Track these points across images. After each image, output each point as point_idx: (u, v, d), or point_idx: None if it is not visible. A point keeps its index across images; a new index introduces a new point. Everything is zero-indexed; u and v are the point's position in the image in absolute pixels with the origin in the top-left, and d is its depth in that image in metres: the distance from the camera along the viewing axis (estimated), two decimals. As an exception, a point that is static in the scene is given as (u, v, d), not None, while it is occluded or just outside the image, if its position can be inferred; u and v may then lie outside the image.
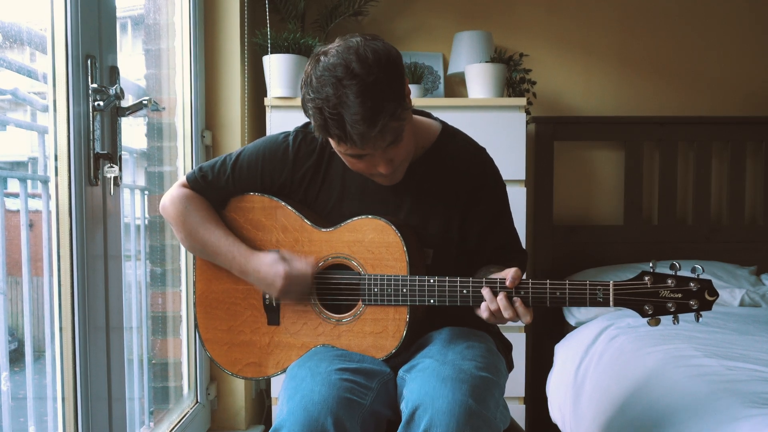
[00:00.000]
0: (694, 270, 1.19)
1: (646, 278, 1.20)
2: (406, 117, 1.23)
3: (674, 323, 1.21)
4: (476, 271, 1.38)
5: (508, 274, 1.22)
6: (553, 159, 2.70)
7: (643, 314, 1.21)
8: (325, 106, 1.17)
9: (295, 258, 1.34)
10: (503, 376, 1.34)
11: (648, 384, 1.69)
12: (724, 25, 2.80)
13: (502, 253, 1.41)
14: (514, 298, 1.21)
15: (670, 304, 1.20)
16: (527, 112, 2.45)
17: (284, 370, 1.38)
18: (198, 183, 1.42)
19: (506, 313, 1.21)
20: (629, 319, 2.18)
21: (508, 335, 1.54)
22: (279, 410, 1.23)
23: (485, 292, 1.23)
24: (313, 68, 1.21)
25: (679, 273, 1.20)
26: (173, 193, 1.42)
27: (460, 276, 1.27)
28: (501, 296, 1.21)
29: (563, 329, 2.53)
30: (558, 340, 2.42)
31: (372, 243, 1.31)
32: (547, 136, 2.68)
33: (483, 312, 1.24)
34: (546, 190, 2.69)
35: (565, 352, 2.30)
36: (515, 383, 2.26)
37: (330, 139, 1.26)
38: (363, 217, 1.32)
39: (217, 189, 1.42)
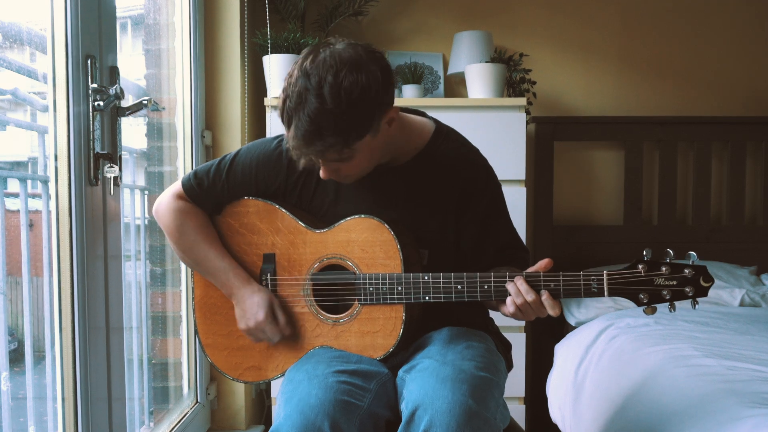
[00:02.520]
0: (688, 256, 1.18)
1: (640, 266, 1.20)
2: (358, 147, 1.21)
3: (670, 311, 1.20)
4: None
5: (540, 264, 1.23)
6: (553, 159, 2.70)
7: (639, 303, 1.20)
8: (287, 101, 1.19)
9: (282, 318, 1.35)
10: (503, 376, 1.33)
11: (648, 384, 1.69)
12: (724, 25, 2.80)
13: (505, 254, 1.41)
14: (542, 292, 1.21)
15: (665, 292, 1.19)
16: (527, 112, 2.45)
17: (284, 373, 1.38)
18: (194, 191, 1.41)
19: (533, 307, 1.21)
20: (629, 319, 2.18)
21: (507, 335, 1.54)
22: (276, 414, 1.23)
23: (510, 286, 1.22)
24: (305, 60, 1.20)
25: (673, 260, 1.19)
26: (169, 204, 1.42)
27: (455, 274, 1.26)
28: (530, 291, 1.21)
29: (563, 329, 2.53)
30: (558, 340, 2.42)
31: (366, 242, 1.31)
32: (547, 136, 2.68)
33: (509, 307, 1.23)
34: (546, 190, 2.69)
35: (565, 352, 2.30)
36: (515, 383, 2.26)
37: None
38: (357, 216, 1.32)
39: (212, 195, 1.41)
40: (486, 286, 1.25)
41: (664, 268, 1.19)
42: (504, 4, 2.77)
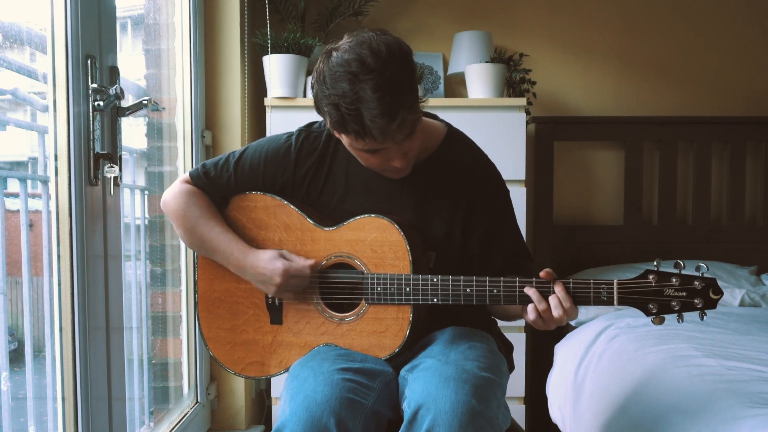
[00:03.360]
0: (698, 268, 1.18)
1: (651, 277, 1.20)
2: (419, 108, 1.24)
3: (678, 321, 1.20)
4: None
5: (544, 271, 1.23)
6: (553, 159, 2.70)
7: (648, 313, 1.20)
8: (342, 102, 1.17)
9: (295, 256, 1.34)
10: (505, 377, 1.33)
11: (648, 384, 1.69)
12: (724, 25, 2.80)
13: (512, 262, 1.40)
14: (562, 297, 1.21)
15: (674, 303, 1.19)
16: (527, 112, 2.45)
17: (287, 370, 1.38)
18: (200, 179, 1.42)
19: (556, 312, 1.20)
20: (629, 319, 2.18)
21: (507, 335, 1.54)
22: (281, 410, 1.22)
23: (532, 292, 1.22)
24: (326, 64, 1.20)
25: (683, 272, 1.19)
26: (175, 189, 1.42)
27: (464, 277, 1.27)
28: (553, 295, 1.21)
29: (563, 329, 2.53)
30: (558, 340, 2.42)
31: (375, 242, 1.31)
32: (547, 136, 2.68)
33: (530, 314, 1.23)
34: (546, 190, 2.69)
35: (565, 351, 2.30)
36: (515, 383, 2.26)
37: (344, 136, 1.25)
38: (366, 215, 1.32)
39: (219, 186, 1.42)
40: (495, 291, 1.25)
41: (674, 279, 1.19)
42: (504, 4, 2.77)
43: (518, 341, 2.22)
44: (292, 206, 1.38)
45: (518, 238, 1.44)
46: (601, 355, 2.04)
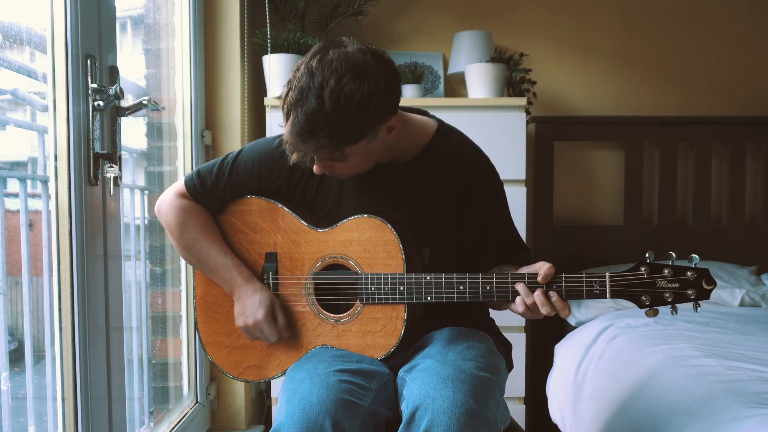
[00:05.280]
0: (691, 259, 1.18)
1: (643, 269, 1.20)
2: (351, 152, 1.23)
3: (672, 313, 1.20)
4: (487, 272, 1.38)
5: (542, 269, 1.21)
6: (553, 159, 2.70)
7: (641, 305, 1.20)
8: (290, 94, 1.20)
9: (281, 318, 1.35)
10: (503, 376, 1.33)
11: (648, 384, 1.69)
12: (724, 25, 2.80)
13: (506, 252, 1.41)
14: (551, 293, 1.21)
15: (667, 294, 1.19)
16: (527, 112, 2.45)
17: (285, 372, 1.38)
18: (196, 190, 1.41)
19: (543, 309, 1.21)
20: (629, 319, 2.18)
21: (507, 335, 1.54)
22: (278, 412, 1.23)
23: (520, 286, 1.22)
24: (314, 57, 1.20)
25: (675, 262, 1.19)
26: (173, 203, 1.42)
27: (457, 274, 1.27)
28: (538, 292, 1.21)
29: (563, 329, 2.53)
30: (558, 340, 2.42)
31: (368, 242, 1.31)
32: (547, 136, 2.68)
33: (518, 306, 1.23)
34: (546, 190, 2.69)
35: (565, 352, 2.30)
36: (515, 383, 2.26)
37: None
38: (359, 216, 1.32)
39: (215, 195, 1.42)
40: (488, 287, 1.25)
41: (666, 271, 1.19)
42: (504, 4, 2.77)
43: (518, 341, 2.22)
44: (286, 209, 1.38)
45: (512, 228, 1.44)
46: (601, 355, 2.04)
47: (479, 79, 2.36)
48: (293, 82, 1.20)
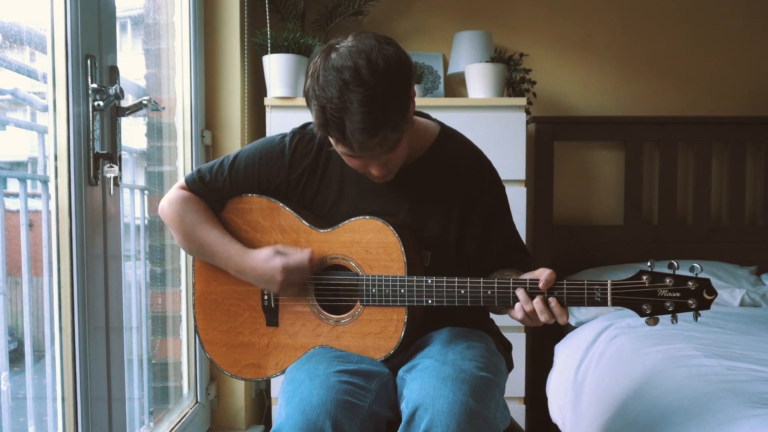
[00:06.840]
0: (692, 269, 1.18)
1: (644, 277, 1.20)
2: (407, 128, 1.22)
3: (672, 322, 1.20)
4: (488, 275, 1.38)
5: (543, 275, 1.21)
6: (553, 159, 2.70)
7: (641, 314, 1.20)
8: (328, 107, 1.16)
9: (291, 249, 1.33)
10: (503, 376, 1.33)
11: (648, 384, 1.69)
12: (724, 25, 2.80)
13: (506, 256, 1.41)
14: (550, 299, 1.20)
15: (668, 304, 1.19)
16: (527, 112, 2.45)
17: (283, 371, 1.38)
18: (196, 185, 1.42)
19: (542, 317, 1.20)
20: (629, 319, 2.18)
21: (507, 335, 1.54)
22: (277, 413, 1.22)
23: (520, 293, 1.22)
24: (323, 63, 1.19)
25: (677, 272, 1.19)
26: (171, 196, 1.42)
27: (459, 278, 1.27)
28: (537, 299, 1.20)
29: (563, 329, 2.53)
30: (558, 340, 2.42)
31: (370, 243, 1.31)
32: (547, 136, 2.68)
33: (517, 313, 1.23)
34: (546, 190, 2.69)
35: (565, 352, 2.30)
36: (515, 383, 2.26)
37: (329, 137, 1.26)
38: (361, 217, 1.32)
39: (214, 191, 1.42)
40: (489, 292, 1.25)
41: (668, 280, 1.19)
42: (504, 4, 2.77)
43: (518, 341, 2.22)
44: (287, 208, 1.38)
45: (513, 231, 1.44)
46: (601, 355, 2.04)
47: (479, 79, 2.36)
48: (322, 95, 1.16)
